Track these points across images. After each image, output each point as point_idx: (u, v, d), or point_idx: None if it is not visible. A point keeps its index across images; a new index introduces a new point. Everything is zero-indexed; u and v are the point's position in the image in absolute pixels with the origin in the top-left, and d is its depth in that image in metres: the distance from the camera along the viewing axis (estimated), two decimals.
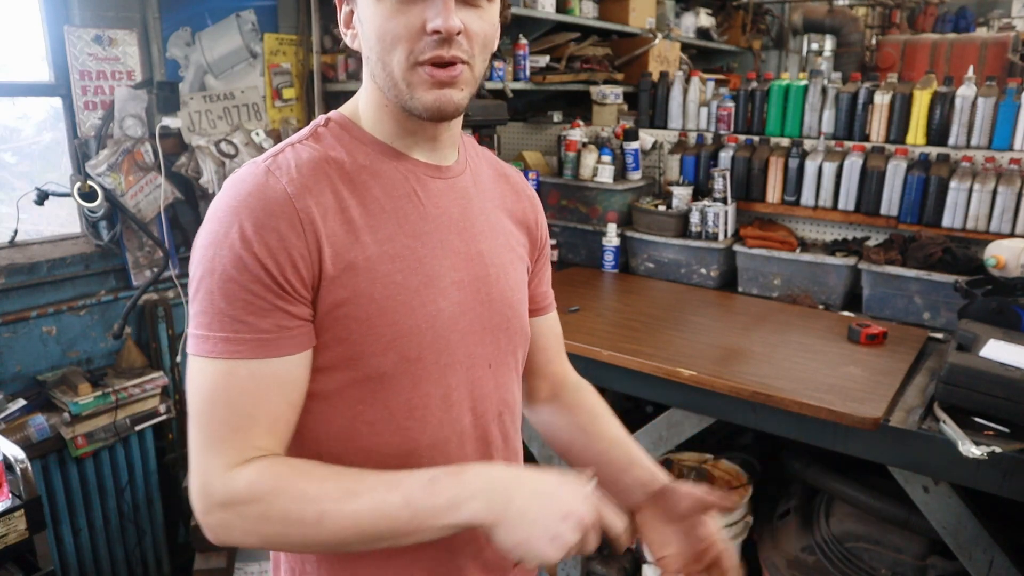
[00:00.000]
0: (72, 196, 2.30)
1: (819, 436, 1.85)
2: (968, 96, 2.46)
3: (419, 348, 0.87)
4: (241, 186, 0.81)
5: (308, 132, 0.89)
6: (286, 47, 2.87)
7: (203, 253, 0.79)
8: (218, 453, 0.78)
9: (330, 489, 0.77)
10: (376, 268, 0.84)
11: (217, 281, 0.78)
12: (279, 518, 0.76)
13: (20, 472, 1.71)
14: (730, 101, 2.98)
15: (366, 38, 0.84)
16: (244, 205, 0.79)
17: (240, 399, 0.79)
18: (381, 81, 0.85)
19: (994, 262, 2.21)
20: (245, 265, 0.77)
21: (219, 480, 0.78)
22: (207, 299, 0.79)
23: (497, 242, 0.98)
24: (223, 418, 0.79)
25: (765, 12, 5.73)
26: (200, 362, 0.79)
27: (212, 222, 0.80)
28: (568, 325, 2.29)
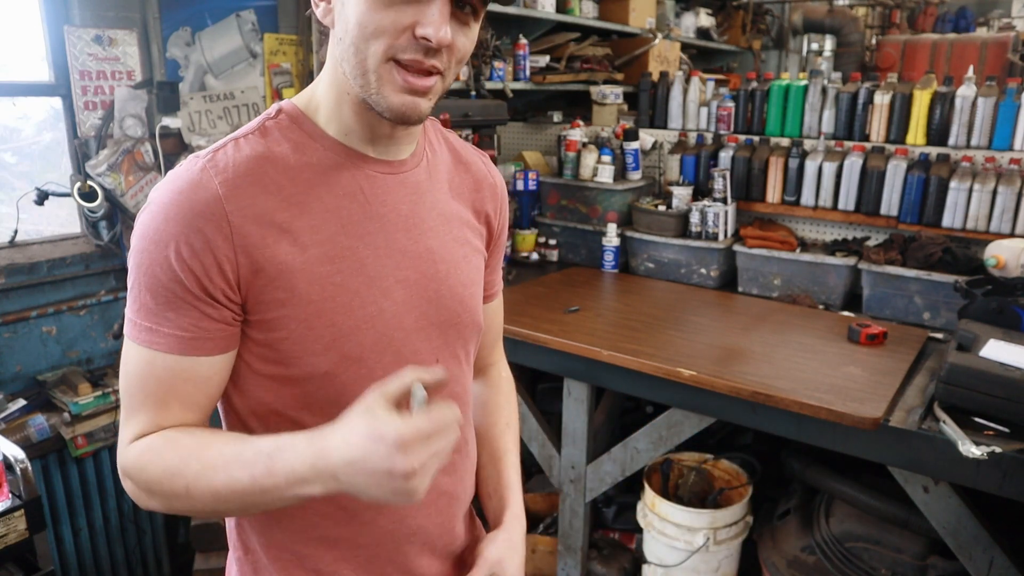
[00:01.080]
0: (72, 196, 2.31)
1: (819, 436, 1.85)
2: (968, 96, 2.46)
3: (360, 348, 0.87)
4: (176, 183, 0.80)
5: (256, 125, 0.87)
6: (286, 47, 2.87)
7: (135, 244, 0.81)
8: (127, 425, 0.85)
9: (191, 463, 0.79)
10: (313, 270, 0.83)
11: (144, 276, 0.80)
12: (156, 490, 0.81)
13: (20, 472, 1.71)
14: (730, 101, 2.98)
15: (344, 20, 0.80)
16: (174, 204, 0.79)
17: (154, 385, 0.83)
18: (349, 67, 0.81)
19: (994, 262, 2.21)
20: (169, 263, 0.78)
21: (121, 450, 0.85)
22: (136, 288, 0.81)
23: (449, 236, 0.97)
24: (136, 397, 0.84)
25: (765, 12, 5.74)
26: (128, 344, 0.84)
27: (145, 214, 0.81)
28: (568, 325, 2.30)
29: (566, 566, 2.53)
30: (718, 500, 2.43)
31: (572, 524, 2.47)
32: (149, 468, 0.81)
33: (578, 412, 2.32)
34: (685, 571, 2.32)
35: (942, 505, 1.80)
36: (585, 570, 2.56)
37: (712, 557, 2.31)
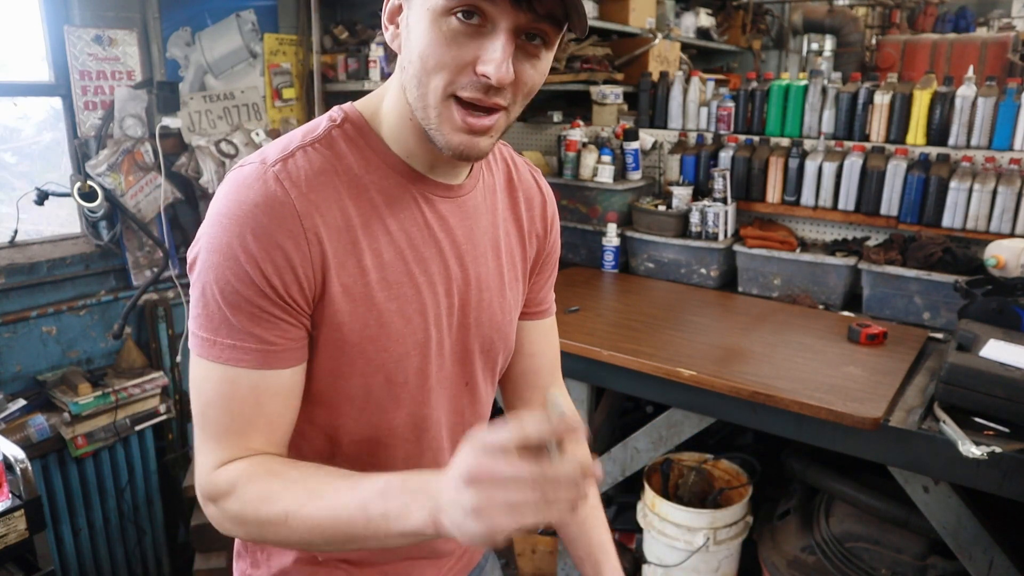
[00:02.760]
0: (72, 196, 2.31)
1: (819, 436, 1.85)
2: (968, 96, 2.46)
3: (405, 373, 0.87)
4: (248, 193, 0.77)
5: (322, 133, 0.84)
6: (286, 47, 2.87)
7: (208, 258, 0.77)
8: (212, 451, 0.81)
9: (296, 490, 0.77)
10: (374, 295, 0.83)
11: (222, 291, 0.77)
12: (252, 517, 0.78)
13: (20, 472, 1.71)
14: (730, 101, 2.98)
15: (408, 49, 0.78)
16: (251, 217, 0.76)
17: (240, 405, 0.80)
18: (412, 98, 0.79)
19: (994, 262, 2.21)
20: (251, 279, 0.76)
21: (207, 477, 0.81)
22: (213, 305, 0.78)
23: (497, 263, 0.97)
24: (221, 420, 0.81)
25: (765, 12, 5.74)
26: (204, 364, 0.80)
27: (217, 227, 0.77)
28: (568, 325, 2.30)
29: (566, 566, 2.53)
30: (718, 500, 2.43)
31: None
32: (244, 493, 0.78)
33: (578, 412, 2.32)
34: (685, 571, 2.32)
35: (942, 505, 1.80)
36: None
37: (712, 557, 2.31)
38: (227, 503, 0.79)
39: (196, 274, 0.79)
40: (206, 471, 0.81)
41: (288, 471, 0.79)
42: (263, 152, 0.82)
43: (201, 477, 0.82)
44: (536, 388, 1.16)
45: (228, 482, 0.79)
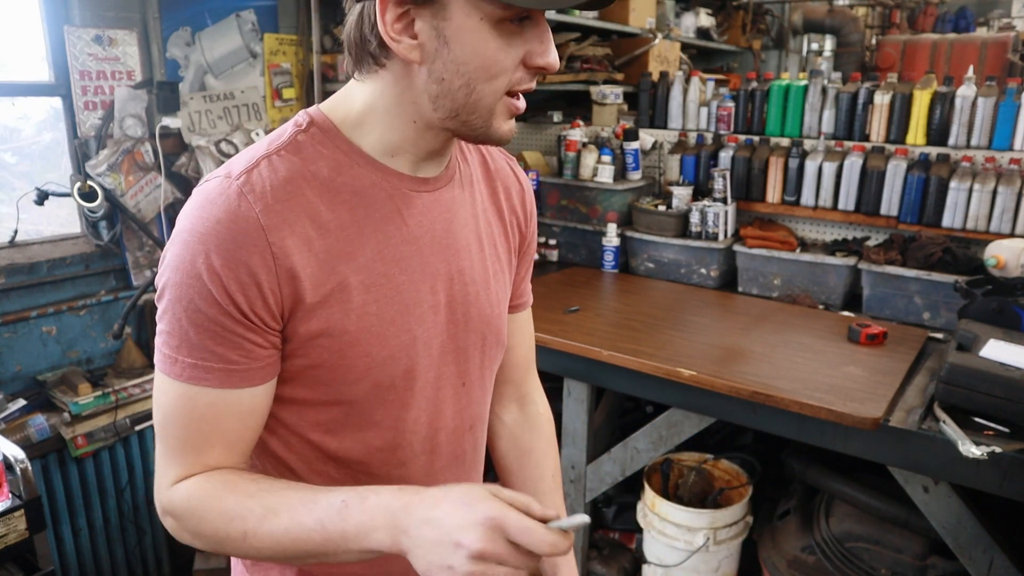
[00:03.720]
0: (72, 196, 2.31)
1: (819, 436, 1.85)
2: (968, 96, 2.46)
3: (392, 377, 0.86)
4: (211, 209, 0.76)
5: (287, 140, 0.82)
6: (286, 47, 2.87)
7: (171, 276, 0.76)
8: (168, 465, 0.82)
9: (253, 506, 0.77)
10: (351, 299, 0.81)
11: (185, 309, 0.76)
12: (210, 533, 0.79)
13: (20, 472, 1.71)
14: (730, 101, 2.98)
15: (457, 63, 0.77)
16: (213, 233, 0.75)
17: (197, 423, 0.80)
18: (452, 104, 0.79)
19: (994, 262, 2.21)
20: (214, 298, 0.75)
21: (164, 492, 0.82)
22: (175, 323, 0.77)
23: (481, 255, 0.95)
24: (179, 436, 0.81)
25: (765, 12, 5.73)
26: (165, 380, 0.80)
27: (179, 245, 0.76)
28: (568, 325, 2.30)
29: None
30: (718, 500, 2.43)
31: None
32: (202, 511, 0.79)
33: (578, 412, 2.32)
34: (685, 571, 2.32)
35: (942, 505, 1.80)
36: (585, 570, 2.56)
37: (712, 557, 2.31)
38: (184, 519, 0.80)
39: (160, 288, 0.78)
40: (164, 485, 0.82)
41: (244, 485, 0.79)
42: (229, 165, 0.81)
43: (160, 491, 0.82)
44: (510, 382, 1.16)
45: (184, 498, 0.80)
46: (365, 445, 0.89)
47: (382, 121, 0.84)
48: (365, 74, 0.83)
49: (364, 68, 0.82)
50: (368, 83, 0.83)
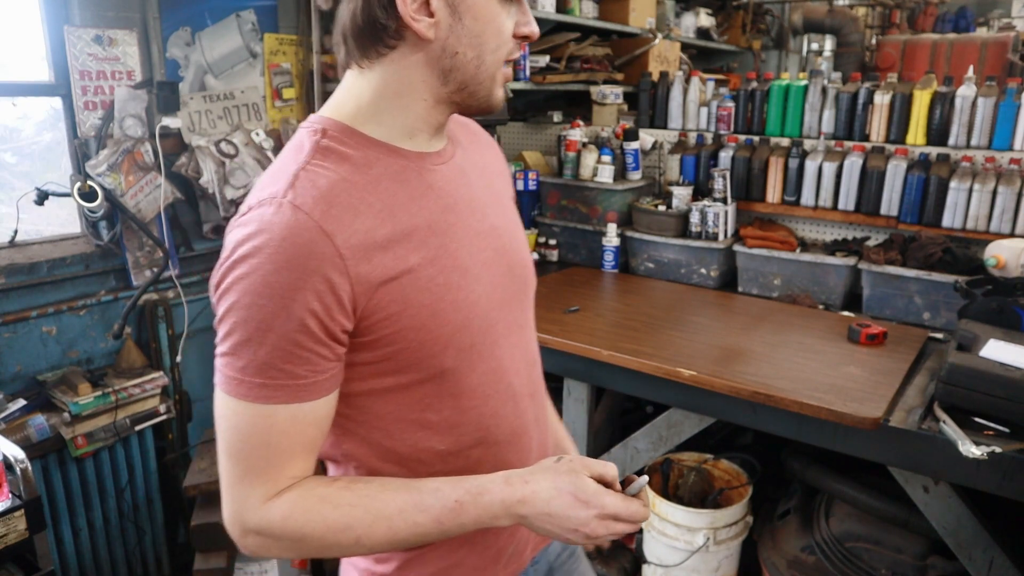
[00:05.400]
0: (72, 196, 2.31)
1: (819, 436, 1.86)
2: (968, 96, 2.46)
3: (471, 337, 0.91)
4: (272, 230, 0.77)
5: (312, 148, 0.84)
6: (286, 47, 2.87)
7: (243, 300, 0.77)
8: (253, 485, 0.83)
9: (360, 515, 0.82)
10: (419, 276, 0.85)
11: (260, 331, 0.77)
12: (314, 545, 0.83)
13: (20, 472, 1.71)
14: (730, 101, 2.98)
15: (470, 36, 0.84)
16: (281, 252, 0.76)
17: (279, 439, 0.82)
18: (462, 76, 0.86)
19: (994, 262, 2.21)
20: (294, 315, 0.76)
21: (254, 512, 0.83)
22: (243, 346, 0.78)
23: (500, 207, 1.02)
24: (259, 455, 0.82)
25: (765, 12, 5.73)
26: (233, 402, 0.80)
27: (247, 267, 0.76)
28: (568, 325, 2.30)
29: None
30: (718, 500, 2.43)
31: None
32: (306, 527, 0.82)
33: (578, 412, 2.32)
34: (685, 571, 2.32)
35: (942, 505, 1.80)
36: None
37: (712, 557, 2.31)
38: (283, 537, 0.83)
39: (224, 315, 0.79)
40: (252, 507, 0.83)
41: (340, 495, 0.84)
42: (264, 191, 0.82)
43: (245, 512, 0.83)
44: None
45: (282, 517, 0.82)
46: (461, 409, 0.93)
47: (396, 105, 0.88)
48: (372, 61, 0.86)
49: (371, 55, 0.86)
50: (375, 71, 0.87)
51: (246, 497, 0.83)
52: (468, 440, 0.95)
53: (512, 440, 1.00)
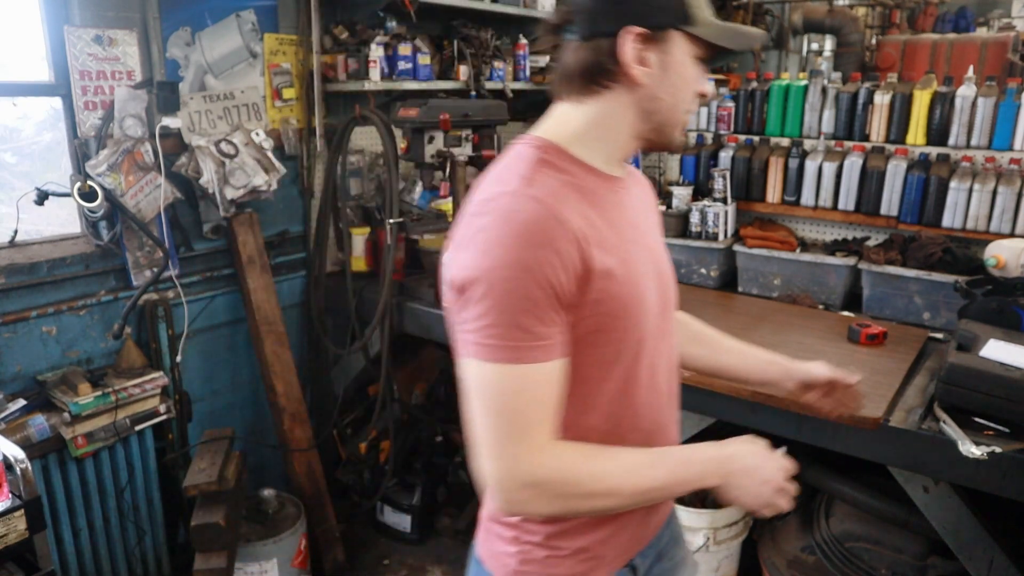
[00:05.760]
0: (72, 196, 2.30)
1: (819, 436, 1.86)
2: (968, 96, 2.46)
3: (642, 334, 1.06)
4: (519, 215, 0.93)
5: (537, 158, 1.02)
6: (286, 47, 2.87)
7: (498, 273, 0.91)
8: (521, 442, 0.95)
9: (612, 468, 1.00)
10: (617, 275, 1.00)
11: (517, 300, 0.91)
12: (578, 493, 0.98)
13: (20, 472, 1.71)
14: (730, 101, 2.98)
15: (674, 89, 1.06)
16: (530, 233, 0.92)
17: (534, 397, 0.95)
18: (660, 117, 1.07)
19: (994, 262, 2.21)
20: (545, 283, 0.92)
21: (527, 465, 0.95)
22: (496, 314, 0.92)
23: (655, 234, 1.21)
24: (523, 413, 0.95)
25: (765, 12, 5.73)
26: (493, 367, 0.94)
27: (501, 248, 0.92)
28: None
29: None
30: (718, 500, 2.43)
31: None
32: (573, 475, 0.98)
33: None
34: None
35: (942, 505, 1.80)
36: None
37: (712, 557, 2.31)
38: (552, 485, 0.97)
39: (476, 291, 0.92)
40: (525, 460, 0.95)
41: (594, 451, 1.02)
42: (496, 188, 0.99)
43: (518, 468, 0.95)
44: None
45: (553, 467, 0.96)
46: (626, 395, 1.09)
47: (603, 135, 1.08)
48: (589, 97, 1.06)
49: (590, 92, 1.05)
50: (589, 105, 1.07)
51: (517, 454, 0.95)
52: (625, 425, 1.10)
53: (657, 432, 1.15)
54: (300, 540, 2.65)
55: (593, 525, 1.11)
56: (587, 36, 1.03)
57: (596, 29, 1.03)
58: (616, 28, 1.01)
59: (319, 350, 3.13)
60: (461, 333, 0.97)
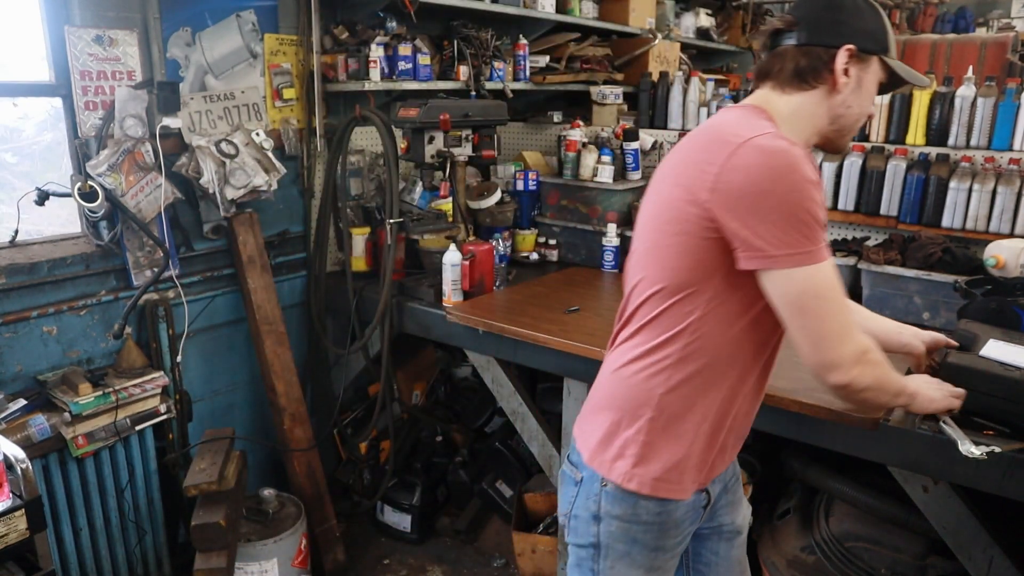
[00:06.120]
0: (72, 196, 2.31)
1: (819, 436, 1.86)
2: (968, 96, 2.46)
3: None
4: (789, 149, 1.18)
5: (772, 127, 1.25)
6: (286, 47, 2.87)
7: (796, 194, 1.16)
8: (852, 323, 1.25)
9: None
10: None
11: (810, 212, 1.17)
12: (884, 379, 1.30)
13: (21, 472, 1.71)
14: (730, 101, 2.98)
15: (859, 102, 1.32)
16: (802, 162, 1.18)
17: (840, 287, 1.23)
18: (838, 124, 1.33)
19: (994, 262, 2.21)
20: (820, 202, 1.19)
21: (857, 342, 1.24)
22: (808, 225, 1.17)
23: None
24: (842, 301, 1.23)
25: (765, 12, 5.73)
26: (814, 269, 1.19)
27: (792, 173, 1.16)
28: (568, 325, 2.30)
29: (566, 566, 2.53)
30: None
31: None
32: (876, 352, 1.28)
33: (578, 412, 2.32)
34: None
35: (942, 505, 1.81)
36: None
37: None
38: (877, 364, 1.27)
39: (776, 207, 1.16)
40: (855, 338, 1.24)
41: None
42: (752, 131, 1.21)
43: (857, 348, 1.24)
44: None
45: (869, 344, 1.27)
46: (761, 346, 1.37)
47: (798, 126, 1.32)
48: (796, 90, 1.32)
49: (799, 87, 1.31)
50: (793, 97, 1.32)
51: (853, 338, 1.24)
52: (751, 376, 1.37)
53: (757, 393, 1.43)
54: (300, 540, 2.65)
55: (693, 445, 1.34)
56: (807, 43, 1.30)
57: (818, 40, 1.30)
58: (836, 42, 1.28)
59: (319, 350, 3.14)
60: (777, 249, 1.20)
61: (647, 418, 1.34)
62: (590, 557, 1.43)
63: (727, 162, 1.19)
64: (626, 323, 1.41)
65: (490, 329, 2.37)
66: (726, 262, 1.23)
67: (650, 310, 1.32)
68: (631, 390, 1.36)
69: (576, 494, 1.44)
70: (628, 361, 1.37)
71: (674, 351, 1.30)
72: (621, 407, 1.37)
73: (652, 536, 1.38)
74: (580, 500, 1.43)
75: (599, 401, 1.44)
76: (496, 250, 2.85)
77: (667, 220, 1.28)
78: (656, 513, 1.36)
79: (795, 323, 1.22)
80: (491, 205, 2.99)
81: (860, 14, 1.31)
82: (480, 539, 3.13)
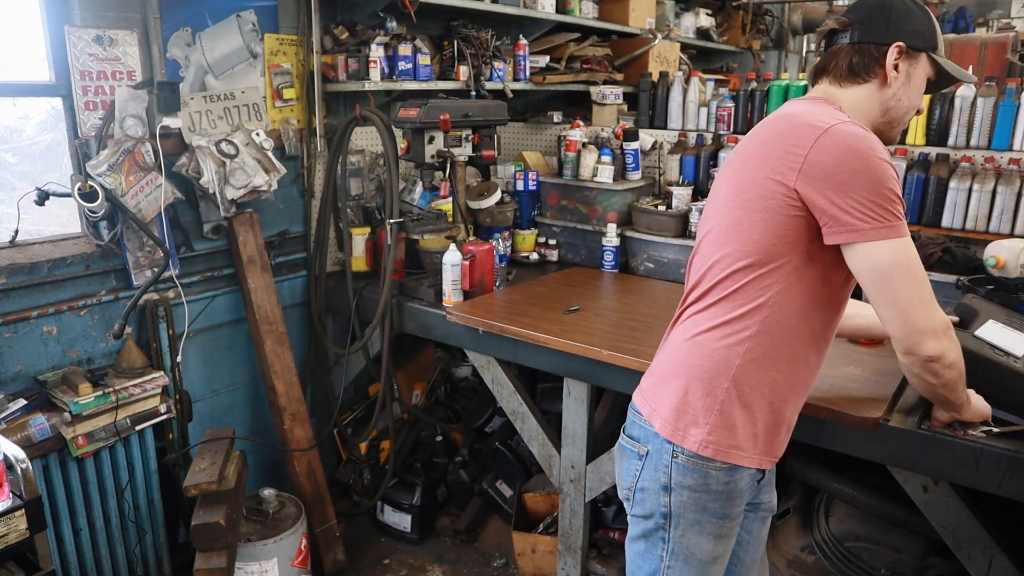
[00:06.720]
0: (73, 196, 2.31)
1: (819, 436, 1.86)
2: (967, 96, 2.46)
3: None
4: (871, 136, 1.32)
5: (848, 117, 1.37)
6: (286, 47, 2.87)
7: (878, 173, 1.28)
8: (934, 299, 1.33)
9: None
10: None
11: (892, 190, 1.28)
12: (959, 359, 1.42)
13: (21, 472, 1.71)
14: (730, 101, 2.98)
15: (908, 95, 1.44)
16: (882, 149, 1.31)
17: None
18: (888, 116, 1.45)
19: (994, 262, 2.21)
20: (899, 183, 1.30)
21: (943, 314, 1.35)
22: (891, 201, 1.28)
23: None
24: (925, 273, 1.32)
25: (765, 12, 5.73)
26: (901, 242, 1.29)
27: (874, 153, 1.29)
28: (568, 325, 2.30)
29: (566, 566, 2.54)
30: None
31: (572, 524, 2.47)
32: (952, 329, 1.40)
33: (578, 412, 2.33)
34: None
35: (941, 505, 1.81)
36: (585, 570, 2.56)
37: None
38: (952, 332, 1.37)
39: (863, 185, 1.28)
40: (940, 313, 1.34)
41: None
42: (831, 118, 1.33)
43: (941, 320, 1.34)
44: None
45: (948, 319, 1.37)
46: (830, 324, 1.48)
47: (858, 115, 1.42)
48: (851, 84, 1.44)
49: (853, 80, 1.44)
50: (848, 91, 1.45)
51: (939, 309, 1.34)
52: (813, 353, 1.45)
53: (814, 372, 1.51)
54: (300, 540, 2.66)
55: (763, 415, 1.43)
56: (861, 41, 1.42)
57: (871, 38, 1.41)
58: (887, 41, 1.40)
59: (319, 350, 3.14)
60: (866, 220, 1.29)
61: (724, 387, 1.40)
62: (661, 527, 1.49)
63: (815, 145, 1.30)
64: (701, 297, 1.47)
65: (490, 329, 2.37)
66: (806, 238, 1.34)
67: (732, 284, 1.40)
68: (708, 359, 1.42)
69: (641, 467, 1.49)
70: (706, 329, 1.43)
71: (753, 323, 1.38)
72: (698, 376, 1.43)
73: (720, 504, 1.45)
74: (647, 472, 1.48)
75: (672, 369, 1.48)
76: (496, 250, 2.85)
77: (751, 198, 1.37)
78: (725, 483, 1.43)
79: (885, 295, 1.31)
80: (491, 205, 2.99)
81: (910, 15, 1.41)
82: (480, 539, 3.14)
